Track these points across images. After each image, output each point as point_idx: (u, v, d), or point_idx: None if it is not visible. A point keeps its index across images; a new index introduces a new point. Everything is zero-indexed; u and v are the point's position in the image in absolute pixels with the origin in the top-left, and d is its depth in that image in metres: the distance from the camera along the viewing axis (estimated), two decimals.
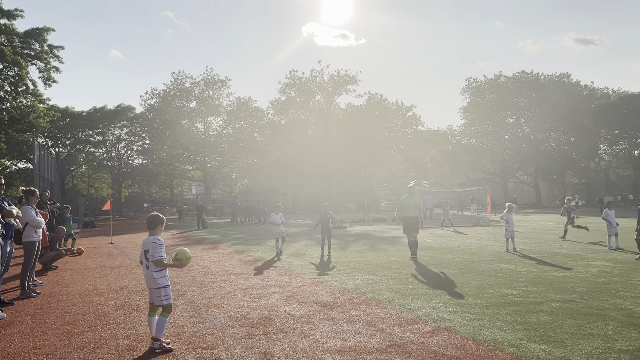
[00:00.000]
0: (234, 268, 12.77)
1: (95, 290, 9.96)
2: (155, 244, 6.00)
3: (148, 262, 6.01)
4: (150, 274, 6.00)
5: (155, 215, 6.21)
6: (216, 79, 65.20)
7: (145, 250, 6.06)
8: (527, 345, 5.83)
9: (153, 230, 6.15)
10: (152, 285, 6.03)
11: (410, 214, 14.14)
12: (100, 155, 69.22)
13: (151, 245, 6.01)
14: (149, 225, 6.16)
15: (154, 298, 6.05)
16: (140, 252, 6.19)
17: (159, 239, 6.07)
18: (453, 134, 74.98)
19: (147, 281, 6.10)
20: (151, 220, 6.17)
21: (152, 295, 6.06)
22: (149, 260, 6.00)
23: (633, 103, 68.20)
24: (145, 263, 6.05)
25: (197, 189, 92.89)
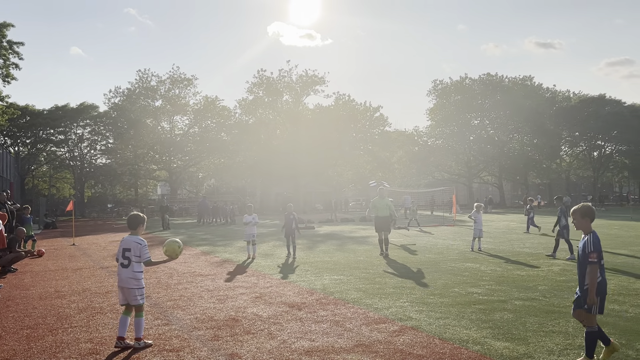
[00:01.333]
0: (200, 269, 12.62)
1: (56, 293, 9.70)
2: (139, 245, 6.04)
3: (128, 260, 6.03)
4: (130, 273, 6.03)
5: (136, 215, 6.24)
6: (182, 77, 64.38)
7: (125, 248, 6.06)
8: (492, 343, 5.93)
9: (134, 230, 6.18)
10: (130, 285, 6.04)
11: (382, 214, 14.83)
12: (62, 155, 67.50)
13: (134, 245, 6.04)
14: (130, 225, 6.17)
15: (130, 298, 6.07)
16: (118, 250, 6.18)
17: (141, 239, 6.12)
18: (419, 135, 75.84)
19: (124, 280, 6.06)
20: (132, 219, 6.20)
21: (129, 294, 6.07)
22: (133, 260, 6.02)
23: (592, 106, 70.30)
24: (122, 261, 6.06)
25: (162, 189, 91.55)
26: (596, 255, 4.85)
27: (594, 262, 4.85)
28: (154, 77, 64.16)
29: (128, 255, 6.07)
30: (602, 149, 76.36)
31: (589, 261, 4.88)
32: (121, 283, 6.12)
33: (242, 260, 14.27)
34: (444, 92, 72.76)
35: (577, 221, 5.13)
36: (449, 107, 71.52)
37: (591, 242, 4.91)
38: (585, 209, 5.07)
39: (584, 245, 4.99)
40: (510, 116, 69.76)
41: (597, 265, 4.85)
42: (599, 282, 4.89)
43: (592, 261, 4.85)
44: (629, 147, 73.12)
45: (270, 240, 20.58)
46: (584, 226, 5.07)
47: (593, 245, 4.89)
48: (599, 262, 4.87)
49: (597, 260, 4.85)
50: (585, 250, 4.94)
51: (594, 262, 4.84)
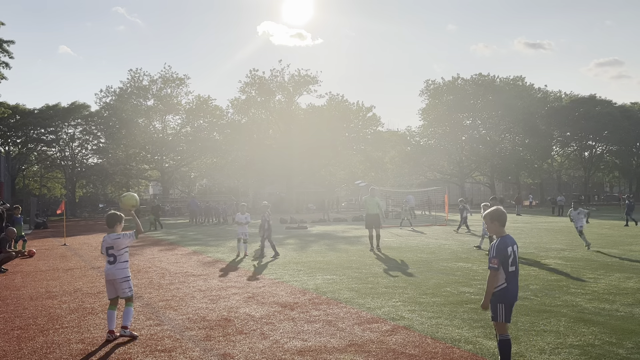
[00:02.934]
0: (192, 269, 12.59)
1: (47, 294, 9.65)
2: (119, 239, 6.38)
3: (114, 257, 6.37)
4: (118, 266, 6.37)
5: (113, 214, 6.52)
6: (174, 76, 64.13)
7: (108, 247, 6.39)
8: (483, 342, 5.96)
9: (112, 229, 6.47)
10: (118, 276, 6.36)
11: (372, 212, 15.77)
12: (53, 154, 67.02)
13: (116, 243, 6.37)
14: (108, 224, 6.47)
15: (119, 291, 6.40)
16: (102, 246, 6.52)
17: (118, 234, 6.42)
18: (412, 135, 75.98)
19: (112, 274, 6.37)
20: (110, 218, 6.49)
21: (118, 288, 6.39)
22: (117, 255, 6.36)
23: (583, 106, 70.75)
24: (109, 259, 6.39)
25: (154, 189, 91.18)
26: (497, 262, 4.82)
27: (493, 267, 4.83)
28: (146, 76, 63.90)
29: (112, 252, 6.39)
30: (593, 149, 76.88)
31: (490, 266, 4.87)
32: (109, 277, 6.42)
33: (234, 260, 14.24)
34: (436, 92, 72.92)
35: (487, 225, 5.10)
36: (441, 107, 71.68)
37: (494, 248, 4.88)
38: (494, 213, 5.03)
39: (490, 250, 5.00)
40: (502, 116, 70.03)
41: (497, 271, 4.82)
42: (503, 289, 4.85)
43: (492, 267, 4.84)
44: (620, 148, 73.68)
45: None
46: (494, 230, 5.03)
47: (496, 250, 4.86)
48: (499, 268, 4.82)
49: (497, 266, 4.82)
50: (490, 254, 4.94)
51: (494, 268, 4.82)
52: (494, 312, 4.91)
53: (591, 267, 11.56)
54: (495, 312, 4.90)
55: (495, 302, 4.90)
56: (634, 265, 11.84)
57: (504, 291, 4.87)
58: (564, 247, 15.70)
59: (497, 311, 4.88)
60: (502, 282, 4.87)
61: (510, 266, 4.86)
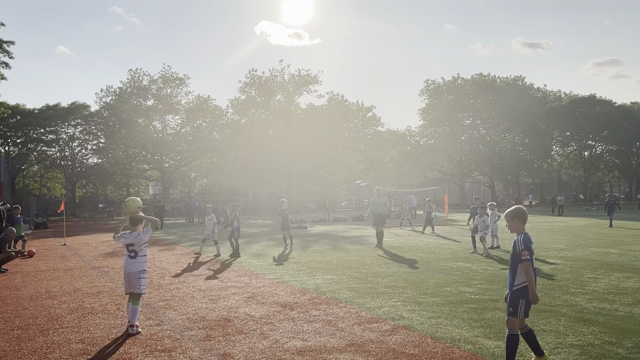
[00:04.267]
0: (192, 269, 12.59)
1: (47, 294, 9.65)
2: (139, 236, 6.85)
3: (135, 253, 6.82)
4: (138, 259, 6.82)
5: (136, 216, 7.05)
6: (174, 76, 64.13)
7: (128, 244, 6.84)
8: (483, 342, 5.96)
9: (135, 227, 6.94)
10: (136, 270, 6.80)
11: (378, 211, 17.10)
12: (53, 154, 67.03)
13: (136, 240, 6.83)
14: (132, 223, 6.98)
15: (134, 286, 6.78)
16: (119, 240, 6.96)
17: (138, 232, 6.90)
18: (412, 135, 75.95)
19: (131, 267, 6.80)
20: (133, 218, 7.00)
21: (134, 283, 6.78)
22: (137, 250, 6.83)
23: (583, 106, 70.74)
24: (129, 254, 6.85)
25: (154, 189, 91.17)
26: (527, 253, 4.84)
27: (527, 259, 4.83)
28: (146, 76, 63.88)
29: (133, 248, 6.87)
30: (593, 148, 76.88)
31: (521, 259, 4.86)
32: (128, 270, 6.85)
33: (234, 260, 14.25)
34: (436, 92, 72.90)
35: (509, 223, 5.14)
36: (441, 107, 71.65)
37: (521, 241, 4.91)
38: (516, 211, 5.09)
39: (514, 245, 4.99)
40: (502, 116, 70.02)
41: (530, 262, 4.83)
42: (526, 285, 4.87)
43: (526, 259, 4.83)
44: (619, 147, 73.67)
45: (263, 240, 20.57)
46: (515, 227, 5.07)
47: (523, 243, 4.88)
48: (531, 259, 4.85)
49: (529, 257, 4.83)
50: (517, 250, 4.93)
51: (527, 260, 4.83)
52: (514, 307, 4.90)
53: (591, 266, 11.57)
54: (515, 307, 4.90)
55: (518, 297, 4.90)
56: (633, 264, 11.84)
57: (527, 288, 4.88)
58: (563, 247, 15.70)
59: (518, 306, 4.89)
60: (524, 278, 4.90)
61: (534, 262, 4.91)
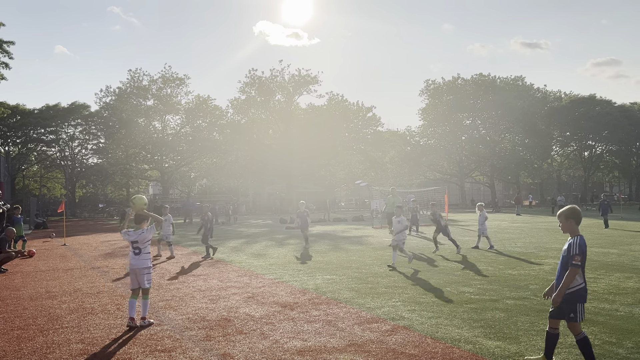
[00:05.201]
0: (192, 269, 12.59)
1: (47, 294, 9.64)
2: (143, 233, 7.11)
3: (139, 250, 7.07)
4: (143, 256, 7.06)
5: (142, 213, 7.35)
6: (174, 76, 64.13)
7: (133, 241, 7.08)
8: (483, 342, 5.96)
9: (139, 225, 7.22)
10: (142, 266, 7.05)
11: (391, 210, 17.43)
12: (53, 155, 67.05)
13: (140, 237, 7.07)
14: (136, 221, 7.26)
15: (141, 282, 7.04)
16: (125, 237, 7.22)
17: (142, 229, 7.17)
18: (412, 135, 75.96)
19: (137, 264, 7.06)
20: (138, 217, 7.31)
21: (140, 279, 7.03)
22: (141, 247, 7.07)
23: (583, 106, 70.76)
24: (134, 250, 7.09)
25: (154, 189, 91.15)
26: (580, 259, 4.74)
27: (577, 265, 4.75)
28: (146, 76, 63.88)
29: (137, 245, 7.10)
30: (593, 148, 76.91)
31: (572, 263, 4.77)
32: (133, 267, 7.10)
33: (234, 260, 14.25)
34: (436, 92, 72.91)
35: (562, 223, 5.01)
36: (441, 107, 71.66)
37: (577, 245, 4.80)
38: (569, 211, 4.97)
39: (568, 247, 4.88)
40: (502, 116, 70.04)
41: (580, 268, 4.75)
42: (581, 288, 4.82)
43: (576, 264, 4.75)
44: (619, 147, 73.70)
45: (263, 241, 20.56)
46: (569, 228, 4.95)
47: (579, 248, 4.78)
48: (582, 266, 4.76)
49: (580, 264, 4.74)
50: (570, 252, 4.83)
51: (577, 266, 4.75)
52: (573, 313, 4.84)
53: (591, 267, 11.56)
54: (575, 312, 4.84)
55: (575, 301, 4.84)
56: (633, 265, 11.84)
57: (582, 290, 4.85)
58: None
59: (577, 311, 4.83)
60: (581, 281, 4.84)
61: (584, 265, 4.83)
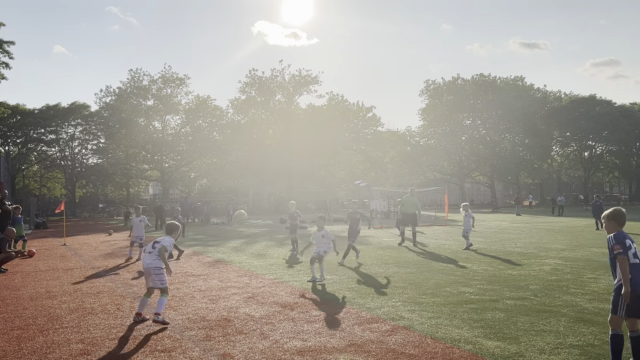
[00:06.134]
0: (192, 269, 12.59)
1: (47, 294, 9.64)
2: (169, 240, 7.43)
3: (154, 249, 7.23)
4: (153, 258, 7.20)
5: (172, 223, 7.73)
6: (174, 77, 64.18)
7: (156, 241, 7.34)
8: (483, 342, 5.96)
9: (170, 235, 7.54)
10: (153, 266, 7.17)
11: (409, 211, 16.62)
12: (53, 154, 67.09)
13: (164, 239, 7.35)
14: (167, 231, 7.59)
15: (156, 282, 7.19)
16: (149, 244, 7.43)
17: (171, 239, 7.49)
18: (412, 135, 75.99)
19: (148, 263, 7.21)
20: (170, 227, 7.64)
21: (155, 279, 7.18)
22: (156, 248, 7.23)
23: (583, 106, 70.78)
24: (150, 250, 7.28)
25: (154, 189, 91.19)
26: (619, 247, 4.78)
27: (619, 252, 4.76)
28: (146, 76, 63.95)
29: (156, 245, 7.28)
30: (593, 149, 76.95)
31: (615, 254, 4.80)
32: (145, 265, 7.26)
33: (234, 260, 14.25)
34: (436, 92, 72.93)
35: (605, 224, 5.12)
36: (442, 107, 71.69)
37: (612, 237, 4.89)
38: (612, 213, 5.07)
39: (607, 244, 4.97)
40: (502, 116, 70.07)
41: (624, 255, 4.75)
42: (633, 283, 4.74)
43: (618, 252, 4.77)
44: (619, 148, 73.73)
45: (263, 241, 20.57)
46: (611, 230, 5.02)
47: (614, 239, 4.85)
48: (625, 252, 4.76)
49: (622, 250, 4.76)
50: (609, 247, 4.91)
51: (620, 253, 4.76)
52: (614, 305, 4.80)
53: (591, 267, 11.56)
54: (615, 305, 4.80)
55: (618, 295, 4.79)
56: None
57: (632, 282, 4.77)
58: (564, 247, 15.70)
59: (619, 304, 4.77)
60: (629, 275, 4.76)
61: (633, 258, 4.80)
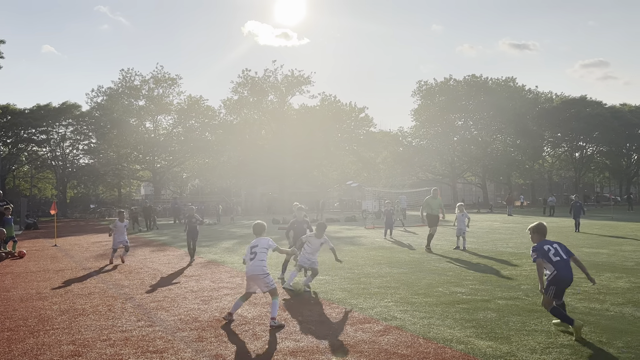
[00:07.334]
0: (183, 270, 12.55)
1: (37, 295, 9.58)
2: (267, 240, 7.34)
3: (255, 254, 7.18)
4: (257, 262, 7.14)
5: (260, 223, 7.60)
6: (166, 76, 63.95)
7: (253, 246, 7.29)
8: (475, 342, 5.98)
9: (260, 235, 7.46)
10: (258, 272, 7.10)
11: (435, 212, 16.24)
12: (44, 155, 66.64)
13: (262, 242, 7.29)
14: (256, 231, 7.51)
15: (261, 285, 7.12)
16: (247, 251, 7.37)
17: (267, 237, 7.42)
18: (404, 136, 76.16)
19: (252, 270, 7.14)
20: (257, 227, 7.54)
21: (260, 283, 7.11)
22: (258, 252, 7.19)
23: (574, 107, 71.21)
24: (250, 256, 7.21)
25: (146, 189, 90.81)
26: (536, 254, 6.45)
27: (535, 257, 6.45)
28: (138, 76, 63.69)
29: (255, 250, 7.22)
30: (584, 149, 77.43)
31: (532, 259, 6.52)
32: (249, 273, 7.18)
33: (227, 261, 14.22)
34: (428, 93, 73.14)
35: (531, 236, 6.74)
36: (434, 107, 71.90)
37: (533, 247, 6.56)
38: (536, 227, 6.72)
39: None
40: (494, 117, 70.37)
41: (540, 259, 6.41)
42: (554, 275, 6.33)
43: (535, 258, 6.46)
44: (610, 148, 74.24)
45: None
46: (534, 239, 6.68)
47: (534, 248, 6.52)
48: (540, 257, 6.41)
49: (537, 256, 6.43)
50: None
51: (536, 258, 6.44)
52: (546, 291, 6.41)
53: None
54: (547, 291, 6.41)
55: (549, 285, 6.40)
56: (624, 265, 11.92)
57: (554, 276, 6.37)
58: None
59: (548, 291, 6.40)
60: (553, 269, 6.36)
61: (554, 257, 6.39)
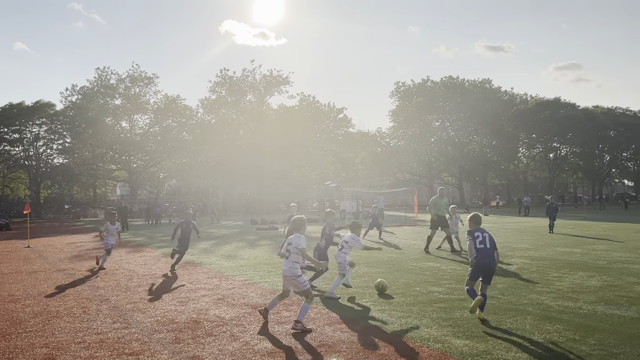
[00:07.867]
0: (161, 271, 12.42)
1: (9, 297, 9.38)
2: (298, 238, 7.00)
3: (289, 252, 6.97)
4: (289, 264, 6.92)
5: (299, 219, 7.35)
6: (143, 75, 63.16)
7: (289, 243, 7.06)
8: (452, 340, 6.04)
9: (298, 231, 7.19)
10: (289, 274, 6.90)
11: (442, 213, 15.75)
12: (17, 154, 65.29)
13: (295, 240, 6.98)
14: (294, 228, 7.23)
15: (295, 286, 6.91)
16: (284, 244, 7.27)
17: (301, 235, 7.10)
18: (382, 137, 76.53)
19: (285, 270, 6.96)
20: (295, 223, 7.30)
21: (294, 283, 6.89)
22: (292, 252, 6.94)
23: (549, 109, 72.40)
24: (286, 254, 7.03)
25: (122, 189, 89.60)
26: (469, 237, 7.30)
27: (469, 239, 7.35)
28: (114, 75, 62.77)
29: (289, 248, 7.03)
30: (558, 150, 78.76)
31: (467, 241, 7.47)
32: (284, 273, 7.01)
33: (204, 262, 14.12)
34: (406, 94, 73.60)
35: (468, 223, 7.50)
36: (411, 108, 72.38)
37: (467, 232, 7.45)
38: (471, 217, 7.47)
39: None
40: (470, 118, 71.13)
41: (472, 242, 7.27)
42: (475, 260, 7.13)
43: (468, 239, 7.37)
44: (583, 149, 75.64)
45: (233, 242, 20.43)
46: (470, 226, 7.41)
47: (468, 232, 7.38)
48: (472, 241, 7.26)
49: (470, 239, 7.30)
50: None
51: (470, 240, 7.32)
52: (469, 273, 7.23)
53: (556, 266, 11.84)
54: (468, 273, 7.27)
55: (470, 267, 7.23)
56: (596, 264, 12.17)
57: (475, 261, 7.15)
58: (529, 247, 16.03)
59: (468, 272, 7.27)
60: (474, 254, 7.14)
61: (479, 245, 7.11)
